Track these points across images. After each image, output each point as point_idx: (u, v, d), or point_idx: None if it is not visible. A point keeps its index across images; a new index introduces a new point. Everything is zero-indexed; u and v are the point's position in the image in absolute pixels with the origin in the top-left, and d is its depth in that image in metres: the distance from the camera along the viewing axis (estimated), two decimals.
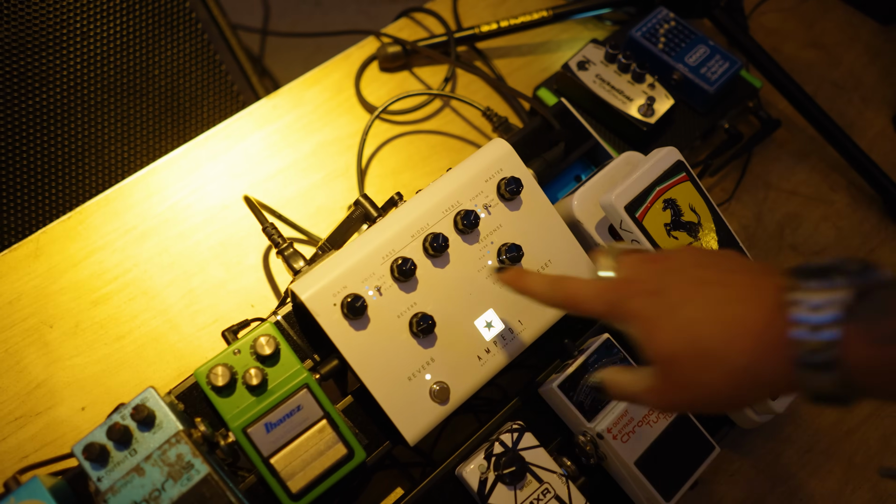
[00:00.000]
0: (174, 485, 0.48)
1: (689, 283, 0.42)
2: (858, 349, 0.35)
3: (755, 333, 0.38)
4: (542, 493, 0.57)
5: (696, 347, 0.40)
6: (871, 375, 0.35)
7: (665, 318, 0.41)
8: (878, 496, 0.69)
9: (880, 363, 0.35)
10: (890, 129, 0.91)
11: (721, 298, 0.40)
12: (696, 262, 0.44)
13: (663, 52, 0.81)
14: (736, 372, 0.39)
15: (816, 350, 0.36)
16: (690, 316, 0.41)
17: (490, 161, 0.61)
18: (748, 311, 0.39)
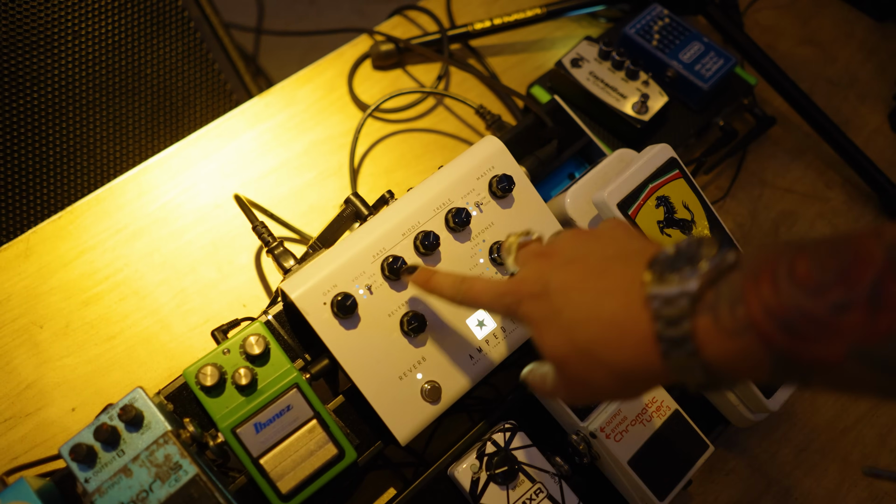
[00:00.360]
0: (162, 486, 0.47)
1: (569, 279, 0.43)
2: (711, 340, 0.35)
3: (628, 331, 0.39)
4: (534, 492, 0.56)
5: (579, 349, 0.41)
6: (728, 366, 0.35)
7: (549, 323, 0.42)
8: (874, 495, 0.69)
9: (733, 354, 0.35)
10: (886, 126, 0.90)
11: (596, 293, 0.41)
12: (576, 253, 0.44)
13: (657, 49, 0.81)
14: (617, 370, 0.40)
15: (675, 342, 0.36)
16: (571, 318, 0.41)
17: (482, 159, 0.60)
18: (620, 306, 0.39)
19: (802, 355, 0.33)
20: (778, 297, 0.33)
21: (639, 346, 0.38)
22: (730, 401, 0.62)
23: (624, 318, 0.39)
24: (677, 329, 0.36)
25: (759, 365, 0.34)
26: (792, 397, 0.73)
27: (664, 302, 0.37)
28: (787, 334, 0.33)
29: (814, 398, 0.73)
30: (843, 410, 0.73)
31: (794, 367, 0.34)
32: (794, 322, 0.33)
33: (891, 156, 0.88)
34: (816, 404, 0.73)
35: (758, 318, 0.33)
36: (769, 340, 0.33)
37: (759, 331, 0.34)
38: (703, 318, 0.35)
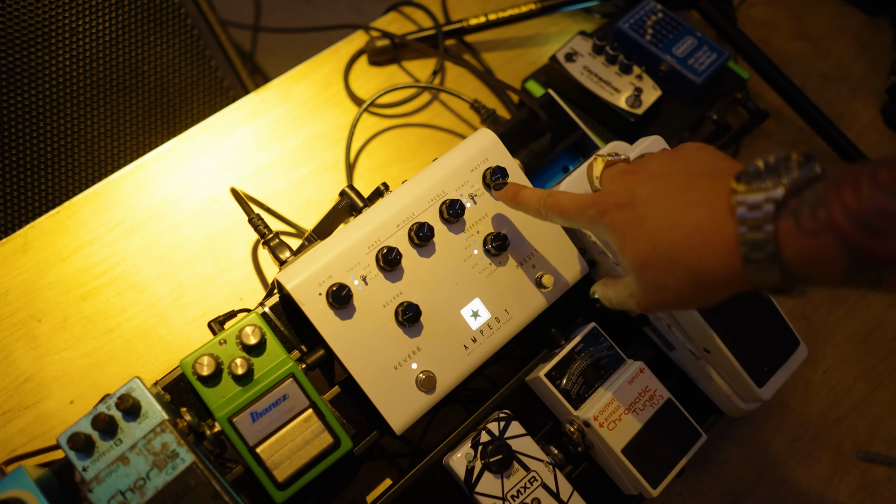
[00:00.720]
0: (159, 473, 0.48)
1: (656, 192, 0.46)
2: (791, 241, 0.38)
3: (711, 236, 0.41)
4: (528, 481, 0.57)
5: (662, 254, 0.44)
6: (805, 265, 0.38)
7: (634, 229, 0.45)
8: (866, 483, 0.69)
9: (811, 253, 0.37)
10: (878, 120, 0.91)
11: (682, 204, 0.44)
12: (662, 170, 0.47)
13: (651, 43, 0.81)
14: (697, 274, 0.42)
15: (757, 245, 0.39)
16: (655, 224, 0.44)
17: (476, 151, 0.61)
18: (705, 215, 0.42)
19: (879, 251, 0.35)
20: (859, 200, 0.36)
21: (721, 249, 0.41)
22: (723, 390, 0.63)
23: (708, 225, 0.41)
24: (760, 232, 0.39)
25: (835, 263, 0.37)
26: (785, 388, 0.73)
27: (749, 208, 0.39)
28: (865, 231, 0.35)
29: (806, 389, 0.73)
30: (835, 401, 0.73)
31: (869, 264, 0.36)
32: (872, 220, 0.35)
33: (883, 149, 0.88)
34: (809, 395, 0.73)
35: (838, 219, 0.36)
36: (847, 238, 0.36)
37: (838, 229, 0.36)
38: (784, 222, 0.38)
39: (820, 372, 0.75)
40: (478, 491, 0.56)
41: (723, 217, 0.41)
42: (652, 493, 0.58)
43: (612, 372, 0.60)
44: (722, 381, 0.63)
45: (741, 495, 0.68)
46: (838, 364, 0.75)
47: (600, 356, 0.61)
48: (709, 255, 0.41)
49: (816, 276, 0.38)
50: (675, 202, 0.44)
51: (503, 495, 0.56)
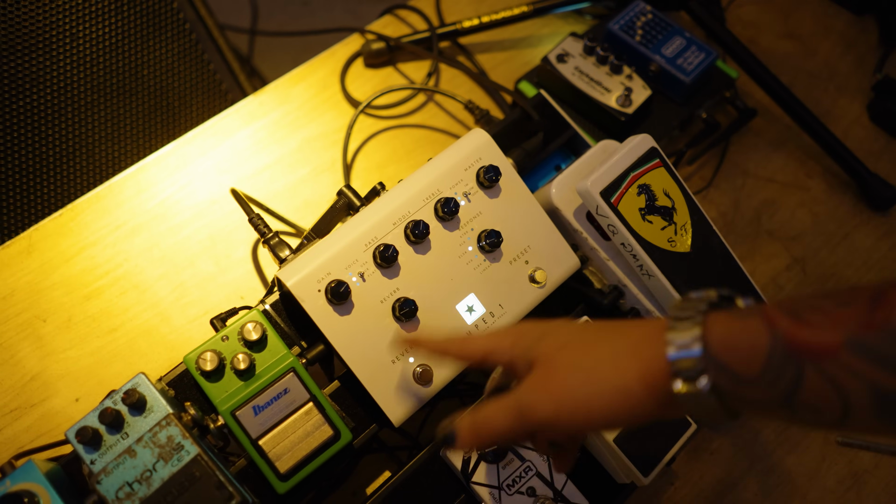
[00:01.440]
0: (165, 465, 0.49)
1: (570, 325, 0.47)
2: (717, 323, 0.38)
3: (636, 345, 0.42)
4: (524, 470, 0.58)
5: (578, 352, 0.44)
6: (728, 349, 0.37)
7: (550, 333, 0.46)
8: (853, 471, 0.71)
9: (736, 334, 0.37)
10: (864, 117, 0.93)
11: (605, 328, 0.45)
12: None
13: (641, 44, 0.83)
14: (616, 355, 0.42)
15: (684, 328, 0.38)
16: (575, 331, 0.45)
17: (469, 150, 0.62)
18: (632, 330, 0.43)
19: (801, 340, 0.35)
20: (791, 300, 0.37)
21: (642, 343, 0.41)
22: None
23: (634, 346, 0.41)
24: (686, 323, 0.39)
25: (758, 349, 0.36)
26: None
27: (679, 318, 0.39)
28: (791, 318, 0.36)
29: None
30: None
31: (790, 357, 0.35)
32: (800, 310, 0.36)
33: (869, 145, 0.90)
34: None
35: (766, 307, 0.37)
36: (773, 322, 0.36)
37: (765, 315, 0.36)
38: (714, 313, 0.39)
39: None
40: (474, 481, 0.57)
41: (651, 336, 0.40)
42: (643, 480, 0.59)
43: None
44: None
45: (732, 483, 0.69)
46: None
47: None
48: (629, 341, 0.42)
49: (735, 361, 0.37)
50: (597, 329, 0.44)
51: (499, 484, 0.57)
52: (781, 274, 0.82)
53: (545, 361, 0.44)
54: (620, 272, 0.65)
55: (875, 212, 0.86)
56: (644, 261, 0.62)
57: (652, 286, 0.64)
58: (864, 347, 0.33)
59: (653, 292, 0.65)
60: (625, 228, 0.61)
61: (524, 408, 0.43)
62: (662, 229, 0.63)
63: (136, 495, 0.48)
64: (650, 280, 0.63)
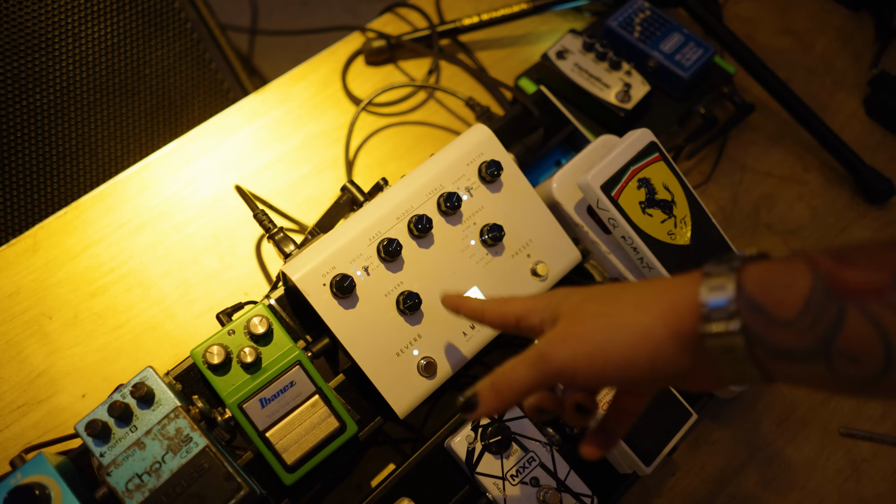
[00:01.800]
0: (174, 457, 0.50)
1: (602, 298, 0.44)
2: (754, 269, 0.36)
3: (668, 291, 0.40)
4: (527, 461, 0.59)
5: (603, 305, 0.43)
6: (765, 290, 0.35)
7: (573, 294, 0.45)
8: (852, 461, 0.72)
9: (774, 274, 0.36)
10: (861, 112, 0.94)
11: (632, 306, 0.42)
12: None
13: (639, 40, 0.84)
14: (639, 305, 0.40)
15: (718, 276, 0.37)
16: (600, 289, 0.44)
17: (471, 145, 0.63)
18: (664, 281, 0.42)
19: (844, 280, 0.33)
20: (834, 247, 0.35)
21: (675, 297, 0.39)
22: None
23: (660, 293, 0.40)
24: (721, 268, 0.37)
25: (796, 290, 0.34)
26: None
27: (714, 264, 0.38)
28: (835, 259, 0.34)
29: None
30: None
31: (833, 296, 0.33)
32: (844, 251, 0.34)
33: (866, 139, 0.91)
34: None
35: (809, 251, 0.35)
36: (815, 264, 0.34)
37: (808, 257, 0.35)
38: (750, 262, 0.37)
39: None
40: (479, 471, 0.58)
41: (684, 281, 0.39)
42: (645, 470, 0.60)
43: None
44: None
45: (732, 473, 0.70)
46: None
47: None
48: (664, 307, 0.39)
49: (772, 301, 0.35)
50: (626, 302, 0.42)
51: (503, 475, 0.58)
52: None
53: (568, 314, 0.43)
54: (621, 265, 0.66)
55: (872, 205, 0.87)
56: (644, 253, 0.63)
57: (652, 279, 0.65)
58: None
59: None
60: (625, 222, 0.62)
61: (543, 355, 0.42)
62: (662, 222, 0.64)
63: (146, 487, 0.49)
64: (650, 273, 0.64)
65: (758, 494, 0.70)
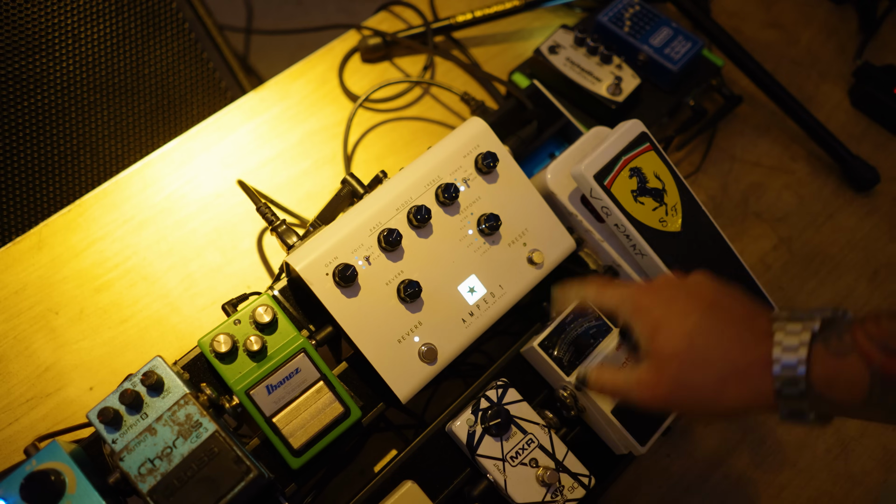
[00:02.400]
0: (184, 442, 0.52)
1: (697, 300, 0.50)
2: (820, 362, 0.43)
3: (748, 349, 0.46)
4: (526, 443, 0.61)
5: (695, 351, 0.48)
6: (831, 385, 0.43)
7: (672, 321, 0.49)
8: (841, 440, 0.74)
9: (838, 372, 0.42)
10: (846, 102, 0.96)
11: (721, 318, 0.48)
12: (701, 286, 0.51)
13: (629, 34, 0.86)
14: (725, 376, 0.46)
15: (788, 365, 0.44)
16: (695, 324, 0.48)
17: (467, 138, 0.65)
18: (743, 332, 0.47)
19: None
20: (878, 328, 0.42)
21: (753, 364, 0.45)
22: None
23: (748, 338, 0.46)
24: (792, 353, 0.44)
25: (859, 383, 0.42)
26: None
27: (787, 334, 0.44)
28: (884, 353, 0.41)
29: None
30: None
31: (889, 385, 0.41)
32: (890, 342, 0.41)
33: (851, 129, 0.93)
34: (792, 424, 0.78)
35: (862, 342, 0.42)
36: (870, 358, 0.41)
37: (861, 350, 0.42)
38: (816, 345, 0.43)
39: None
40: (479, 453, 0.60)
41: (761, 337, 0.45)
42: (640, 449, 0.62)
43: (600, 340, 0.65)
44: None
45: (725, 453, 0.72)
46: None
47: (589, 326, 0.65)
48: (741, 364, 0.46)
49: (840, 396, 0.42)
50: (714, 314, 0.48)
51: (503, 456, 0.60)
52: (769, 254, 0.85)
53: (657, 359, 0.49)
54: (614, 252, 0.68)
55: (857, 192, 0.89)
56: (637, 240, 0.65)
57: (645, 265, 0.67)
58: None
59: (646, 271, 0.67)
60: (618, 210, 0.64)
61: (641, 386, 0.50)
62: (654, 210, 0.65)
63: (158, 471, 0.50)
64: (643, 259, 0.66)
65: (750, 474, 0.72)
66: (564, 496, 0.60)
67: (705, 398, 0.47)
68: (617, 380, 0.52)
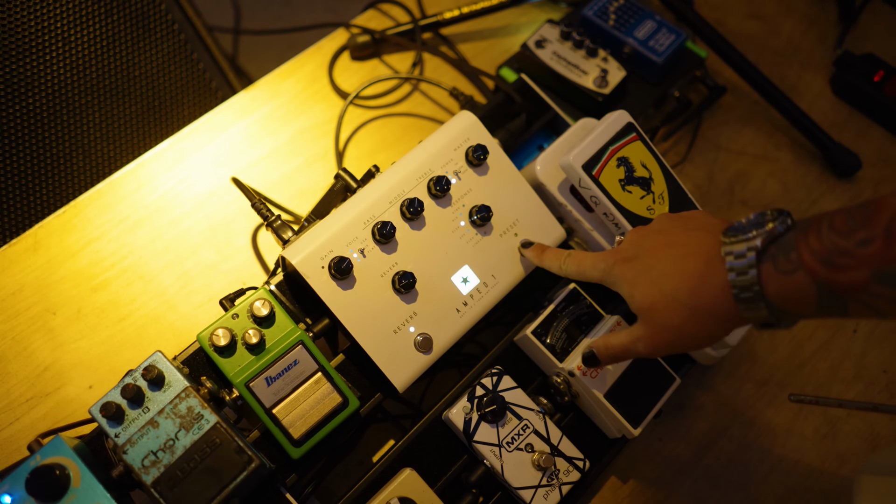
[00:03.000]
0: (186, 434, 0.53)
1: (658, 245, 0.54)
2: (771, 281, 0.46)
3: (707, 280, 0.49)
4: (521, 428, 0.62)
5: (666, 296, 0.51)
6: (785, 300, 0.46)
7: (641, 277, 0.53)
8: (828, 420, 0.76)
9: (788, 289, 0.45)
10: (827, 91, 0.98)
11: (680, 254, 0.52)
12: (662, 227, 0.55)
13: (614, 28, 0.87)
14: (697, 312, 0.50)
15: (745, 287, 0.47)
16: (660, 271, 0.52)
17: (458, 131, 0.66)
18: (701, 262, 0.50)
19: (839, 282, 0.43)
20: (820, 242, 0.44)
21: (716, 291, 0.48)
22: None
23: (704, 271, 0.49)
24: (746, 277, 0.46)
25: (809, 296, 0.45)
26: (751, 338, 0.80)
27: (736, 256, 0.47)
28: (827, 267, 0.43)
29: (771, 337, 0.80)
30: (798, 347, 0.80)
31: (834, 295, 0.44)
32: (831, 257, 0.43)
33: (833, 117, 0.95)
34: (774, 343, 0.80)
35: (806, 259, 0.44)
36: (814, 274, 0.44)
37: (807, 268, 0.44)
38: (765, 266, 0.46)
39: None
40: (476, 440, 0.61)
41: (715, 265, 0.49)
42: (634, 432, 0.63)
43: (591, 326, 0.66)
44: None
45: (716, 436, 0.74)
46: None
47: (581, 313, 0.67)
48: (706, 295, 0.49)
49: (796, 308, 0.46)
50: (675, 252, 0.52)
51: (499, 442, 0.61)
52: None
53: (641, 314, 0.54)
54: (604, 241, 0.69)
55: (840, 178, 0.91)
56: (625, 229, 0.66)
57: None
58: (887, 277, 0.42)
59: None
60: (606, 199, 0.65)
61: (635, 352, 0.55)
62: (641, 198, 0.67)
63: (161, 462, 0.51)
64: None
65: (741, 455, 0.73)
66: (560, 479, 0.62)
67: (692, 333, 0.51)
68: (622, 343, 0.56)
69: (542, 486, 0.61)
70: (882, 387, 0.78)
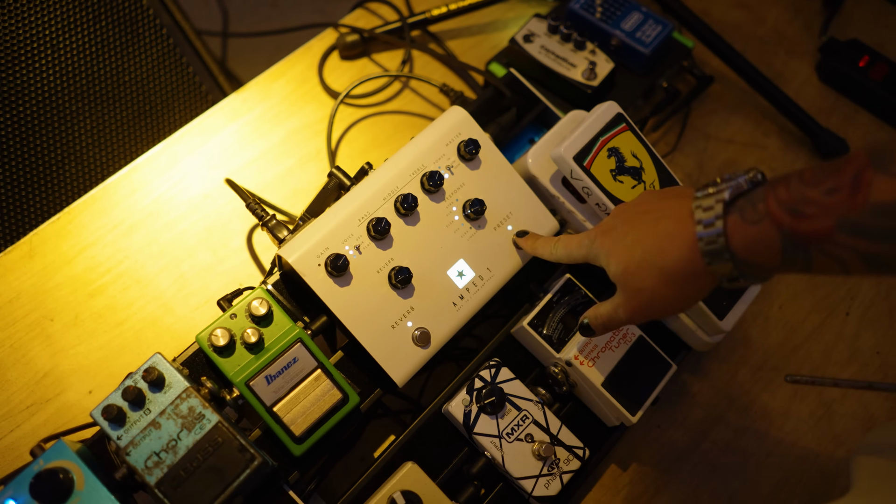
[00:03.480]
0: (188, 434, 0.53)
1: (633, 215, 0.54)
2: (737, 231, 0.46)
3: (675, 238, 0.50)
4: (521, 419, 0.63)
5: (637, 259, 0.52)
6: (750, 250, 0.46)
7: (616, 245, 0.54)
8: (823, 402, 0.77)
9: (753, 239, 0.46)
10: (814, 77, 0.99)
11: (653, 219, 0.52)
12: (638, 202, 0.56)
13: (601, 20, 0.88)
14: (666, 271, 0.50)
15: (711, 240, 0.47)
16: (633, 237, 0.53)
17: (449, 126, 0.66)
18: (672, 223, 0.50)
19: (803, 230, 0.43)
20: (788, 193, 0.44)
21: (684, 247, 0.49)
22: (688, 326, 0.70)
23: (674, 230, 0.50)
24: (712, 228, 0.47)
25: (773, 246, 0.45)
26: (745, 323, 0.81)
27: (704, 210, 0.48)
28: (792, 216, 0.43)
29: (765, 323, 0.81)
30: (791, 331, 0.81)
31: (798, 245, 0.44)
32: (798, 206, 0.43)
33: (820, 103, 0.96)
34: (768, 328, 0.81)
35: (773, 208, 0.44)
36: (779, 223, 0.44)
37: (772, 216, 0.44)
38: (732, 217, 0.46)
39: (776, 307, 0.82)
40: (476, 431, 0.62)
41: (685, 223, 0.49)
42: (632, 419, 0.64)
43: None
44: (686, 318, 0.70)
45: (713, 421, 0.75)
46: (792, 298, 0.83)
47: (576, 303, 0.67)
48: (674, 253, 0.49)
49: (760, 259, 0.46)
50: (649, 218, 0.52)
51: (499, 433, 0.62)
52: None
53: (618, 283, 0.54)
54: None
55: None
56: None
57: None
58: (851, 226, 0.42)
59: None
60: (598, 189, 0.66)
61: (618, 319, 0.56)
62: (633, 188, 0.68)
63: (164, 463, 0.52)
64: None
65: (738, 439, 0.74)
66: (560, 468, 0.62)
67: (665, 294, 0.51)
68: (607, 311, 0.57)
69: (542, 476, 0.61)
70: (876, 367, 0.79)
